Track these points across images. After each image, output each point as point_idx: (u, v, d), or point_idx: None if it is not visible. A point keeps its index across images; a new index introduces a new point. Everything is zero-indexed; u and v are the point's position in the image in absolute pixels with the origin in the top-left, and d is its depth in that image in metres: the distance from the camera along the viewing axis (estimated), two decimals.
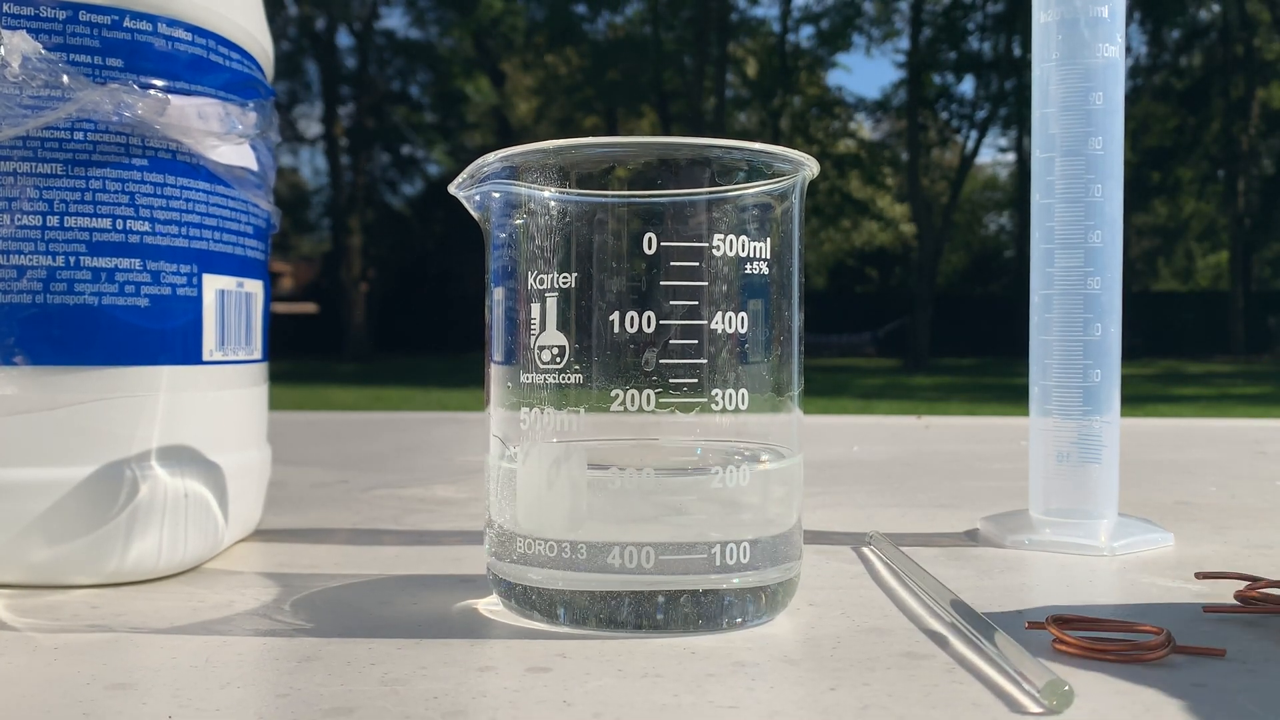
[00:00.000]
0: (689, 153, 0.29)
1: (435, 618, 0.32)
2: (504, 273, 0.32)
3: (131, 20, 0.35)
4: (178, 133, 0.36)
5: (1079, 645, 0.28)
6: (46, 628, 0.30)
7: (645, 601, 0.29)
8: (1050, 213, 0.42)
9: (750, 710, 0.24)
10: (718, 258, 0.30)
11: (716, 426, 0.30)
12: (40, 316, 0.34)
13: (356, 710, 0.24)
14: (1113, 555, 0.40)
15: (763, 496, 0.31)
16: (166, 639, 0.29)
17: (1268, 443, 0.85)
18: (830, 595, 0.35)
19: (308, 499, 0.55)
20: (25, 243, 0.34)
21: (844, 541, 0.44)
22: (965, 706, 0.24)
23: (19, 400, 0.34)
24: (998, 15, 11.45)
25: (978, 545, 0.43)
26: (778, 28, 12.22)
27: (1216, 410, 5.04)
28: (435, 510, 0.51)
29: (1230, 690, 0.25)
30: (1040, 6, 0.42)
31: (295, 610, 0.33)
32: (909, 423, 1.04)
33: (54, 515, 0.34)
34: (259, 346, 0.42)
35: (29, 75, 0.33)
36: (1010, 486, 0.60)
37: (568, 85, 12.14)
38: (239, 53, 0.39)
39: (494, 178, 0.31)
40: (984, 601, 0.33)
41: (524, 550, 0.30)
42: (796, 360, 0.32)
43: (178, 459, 0.36)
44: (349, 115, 12.24)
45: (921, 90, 11.78)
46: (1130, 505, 0.49)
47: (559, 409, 0.30)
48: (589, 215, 0.30)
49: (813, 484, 0.60)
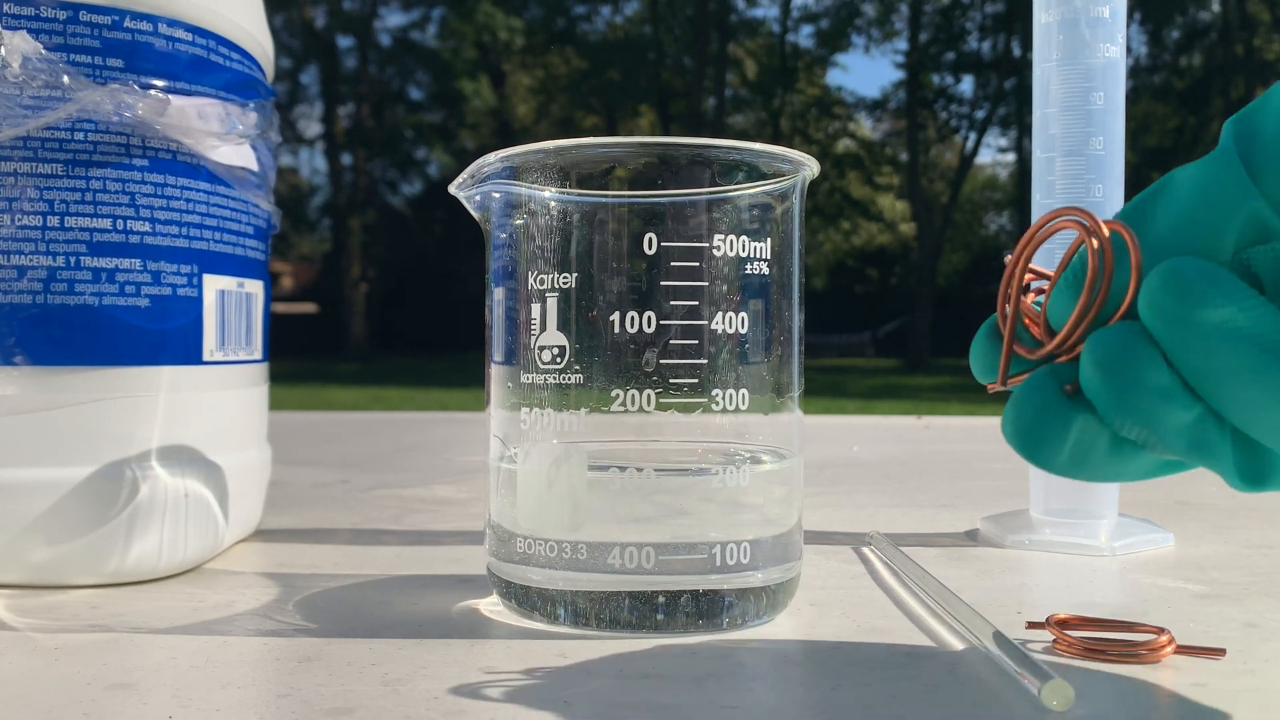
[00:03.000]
0: (689, 153, 0.29)
1: (436, 618, 0.32)
2: (504, 273, 0.32)
3: (132, 20, 0.35)
4: (178, 133, 0.36)
5: (1079, 645, 0.28)
6: (46, 628, 0.30)
7: (645, 601, 0.29)
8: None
9: (750, 710, 0.24)
10: (718, 258, 0.30)
11: (717, 427, 0.30)
12: (41, 316, 0.34)
13: (357, 710, 0.24)
14: (1113, 555, 0.40)
15: (763, 497, 0.31)
16: (166, 639, 0.29)
17: None
18: (830, 595, 0.35)
19: (308, 499, 0.55)
20: (26, 243, 0.34)
21: (844, 541, 0.44)
22: (965, 706, 0.24)
23: (19, 400, 0.34)
24: (997, 15, 11.45)
25: (978, 545, 0.43)
26: (777, 28, 12.23)
27: None
28: (435, 510, 0.51)
29: (1230, 690, 0.25)
30: (1041, 7, 0.42)
31: (296, 610, 0.33)
32: (909, 423, 1.04)
33: (54, 515, 0.34)
34: (259, 347, 0.42)
35: (29, 75, 0.33)
36: (1010, 486, 0.60)
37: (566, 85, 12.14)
38: (239, 53, 0.39)
39: (494, 178, 0.31)
40: (984, 601, 0.33)
41: (524, 550, 0.30)
42: (797, 360, 0.32)
43: (178, 459, 0.36)
44: (349, 115, 12.24)
45: (921, 90, 11.78)
46: (1130, 505, 0.49)
47: (559, 409, 0.30)
48: (589, 215, 0.30)
49: (813, 484, 0.60)
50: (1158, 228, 0.20)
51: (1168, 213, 0.20)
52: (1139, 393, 0.19)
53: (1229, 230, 0.19)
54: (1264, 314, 0.18)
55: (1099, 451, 0.21)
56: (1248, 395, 0.18)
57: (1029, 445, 0.21)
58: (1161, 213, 0.20)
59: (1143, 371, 0.19)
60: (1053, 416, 0.20)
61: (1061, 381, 0.21)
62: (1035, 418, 0.21)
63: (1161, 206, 0.20)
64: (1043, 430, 0.20)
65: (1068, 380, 0.21)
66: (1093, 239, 0.21)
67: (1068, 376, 0.21)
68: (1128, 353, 0.19)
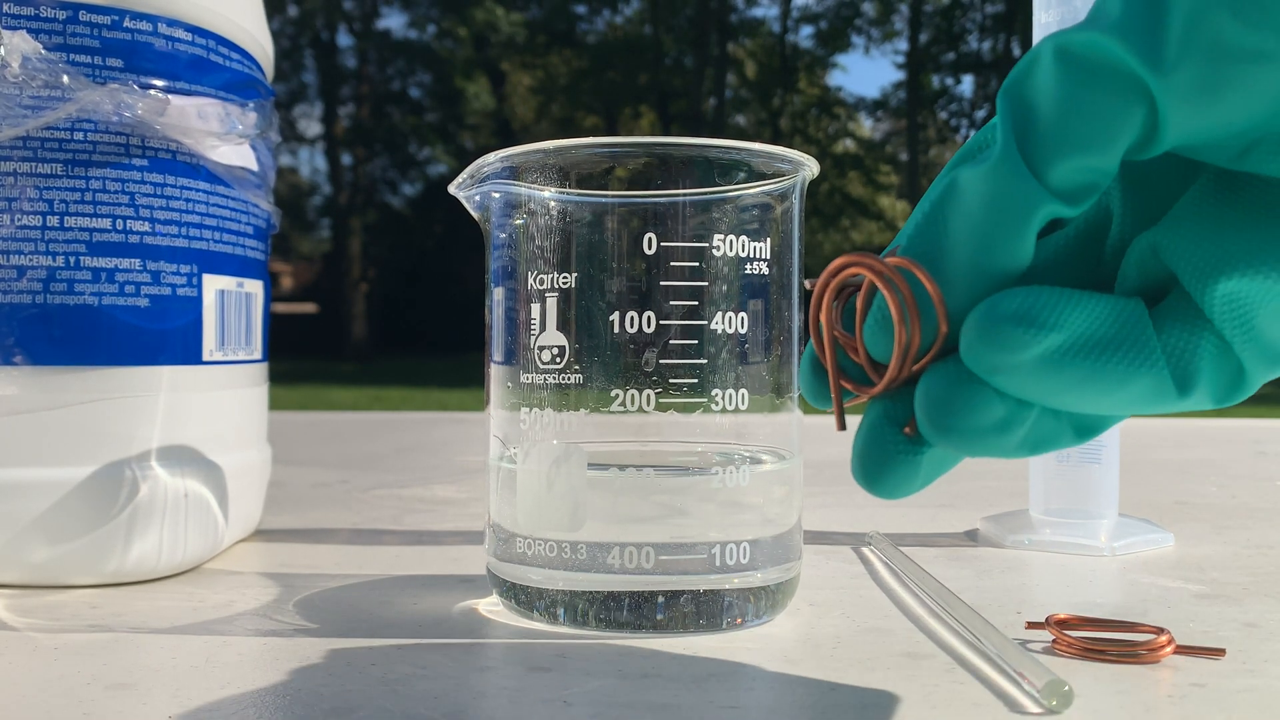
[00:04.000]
0: (689, 153, 0.29)
1: (435, 618, 0.32)
2: (504, 273, 0.32)
3: (131, 20, 0.35)
4: (178, 133, 0.36)
5: (1079, 645, 0.28)
6: (46, 628, 0.30)
7: (645, 601, 0.29)
8: None
9: (750, 710, 0.24)
10: (718, 258, 0.30)
11: (716, 427, 0.30)
12: (40, 316, 0.34)
13: (357, 710, 0.24)
14: (1113, 555, 0.40)
15: (763, 497, 0.31)
16: (166, 639, 0.29)
17: (1268, 443, 0.85)
18: (830, 595, 0.35)
19: (308, 499, 0.55)
20: (25, 243, 0.34)
21: (844, 541, 0.44)
22: (965, 706, 0.24)
23: (19, 400, 0.34)
24: (997, 15, 11.45)
25: (978, 545, 0.43)
26: (777, 28, 12.23)
27: (1216, 410, 5.04)
28: (435, 510, 0.51)
29: (1230, 690, 0.25)
30: (1041, 7, 0.42)
31: (296, 610, 0.33)
32: None
33: (54, 515, 0.34)
34: (259, 347, 0.42)
35: (29, 75, 0.33)
36: (1010, 486, 0.60)
37: (566, 85, 12.14)
38: (239, 53, 0.39)
39: (494, 178, 0.31)
40: (984, 601, 0.33)
41: (524, 550, 0.30)
42: (796, 361, 0.32)
43: (178, 459, 0.36)
44: (349, 115, 12.24)
45: (921, 90, 11.78)
46: (1130, 505, 0.49)
47: (559, 409, 0.30)
48: (589, 215, 0.30)
49: (813, 484, 0.60)
50: (955, 252, 0.20)
51: (961, 234, 0.20)
52: (978, 435, 0.20)
53: (1027, 238, 0.19)
54: (1083, 316, 0.19)
55: (947, 466, 0.22)
56: (1084, 395, 0.19)
57: (884, 490, 0.21)
58: (954, 233, 0.20)
59: (977, 416, 0.19)
60: (899, 462, 0.21)
61: (898, 423, 0.21)
62: (883, 466, 0.21)
63: (953, 225, 0.20)
64: (893, 476, 0.21)
65: (904, 420, 0.21)
66: (886, 287, 0.20)
67: (903, 415, 0.21)
68: (959, 403, 0.20)
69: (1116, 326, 0.19)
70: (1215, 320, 0.19)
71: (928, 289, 0.20)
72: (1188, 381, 0.19)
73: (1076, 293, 0.19)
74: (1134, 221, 0.21)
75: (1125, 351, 0.19)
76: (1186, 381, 0.19)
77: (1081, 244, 0.22)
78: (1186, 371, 0.19)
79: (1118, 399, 0.19)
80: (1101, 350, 0.19)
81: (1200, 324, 0.19)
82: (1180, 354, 0.19)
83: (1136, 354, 0.19)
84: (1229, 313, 0.19)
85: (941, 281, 0.20)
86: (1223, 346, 0.19)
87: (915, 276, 0.20)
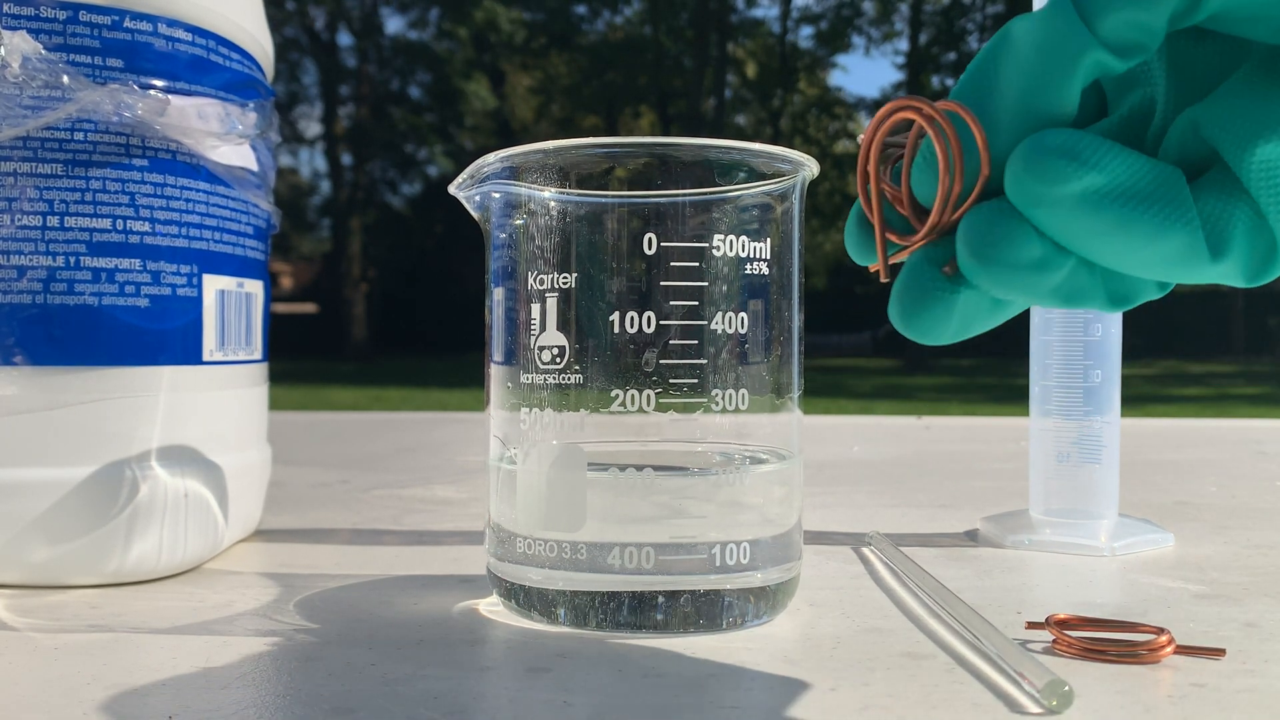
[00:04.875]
0: (689, 153, 0.29)
1: (436, 618, 0.32)
2: (504, 273, 0.32)
3: (131, 20, 0.35)
4: (178, 133, 0.36)
5: (1079, 645, 0.28)
6: (46, 628, 0.30)
7: (645, 601, 0.29)
8: None
9: (750, 710, 0.24)
10: (718, 258, 0.30)
11: (716, 427, 0.30)
12: (40, 316, 0.34)
13: (357, 710, 0.24)
14: (1113, 555, 0.40)
15: (763, 497, 0.31)
16: (166, 639, 0.29)
17: (1268, 443, 0.85)
18: (830, 595, 0.35)
19: (308, 499, 0.55)
20: (25, 243, 0.34)
21: (844, 541, 0.44)
22: (965, 706, 0.24)
23: (19, 400, 0.34)
24: (997, 15, 11.45)
25: (978, 545, 0.43)
26: (777, 28, 12.23)
27: (1216, 410, 5.04)
28: (435, 510, 0.51)
29: (1230, 690, 0.25)
30: (1040, 6, 0.42)
31: (296, 610, 0.33)
32: (909, 423, 1.04)
33: (54, 515, 0.34)
34: (259, 347, 0.42)
35: (29, 75, 0.33)
36: (1010, 486, 0.60)
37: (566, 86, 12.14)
38: (239, 53, 0.39)
39: (494, 178, 0.31)
40: (984, 601, 0.33)
41: (524, 550, 0.30)
42: (796, 361, 0.32)
43: (178, 459, 0.36)
44: (349, 115, 12.24)
45: (921, 90, 11.78)
46: (1130, 505, 0.49)
47: (559, 409, 0.30)
48: (589, 215, 0.30)
49: (813, 484, 0.60)
50: (1004, 96, 0.21)
51: (1010, 78, 0.20)
52: (1015, 270, 0.20)
53: (1074, 85, 0.20)
54: (1123, 166, 0.19)
55: (981, 316, 0.22)
56: (1119, 245, 0.20)
57: (918, 329, 0.22)
58: (1004, 78, 0.21)
59: (1016, 251, 0.20)
60: (936, 300, 0.22)
61: (938, 263, 0.22)
62: (920, 304, 0.22)
63: (1003, 71, 0.21)
64: (929, 314, 0.22)
65: (944, 261, 0.22)
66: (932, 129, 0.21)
67: (943, 256, 0.22)
68: (1000, 236, 0.20)
69: (1156, 184, 0.19)
70: (1252, 188, 0.20)
71: (973, 131, 0.20)
72: (1221, 246, 0.20)
73: (1119, 145, 0.20)
74: (1177, 110, 0.22)
75: (1162, 205, 0.19)
76: (1220, 246, 0.20)
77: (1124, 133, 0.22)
78: (1221, 236, 0.20)
79: (1151, 254, 0.20)
80: (1140, 200, 0.19)
81: (1238, 194, 0.20)
82: (1216, 219, 0.20)
83: (1173, 210, 0.19)
84: (1265, 179, 0.19)
85: (987, 125, 0.20)
86: (1258, 221, 0.20)
87: (962, 119, 0.21)
